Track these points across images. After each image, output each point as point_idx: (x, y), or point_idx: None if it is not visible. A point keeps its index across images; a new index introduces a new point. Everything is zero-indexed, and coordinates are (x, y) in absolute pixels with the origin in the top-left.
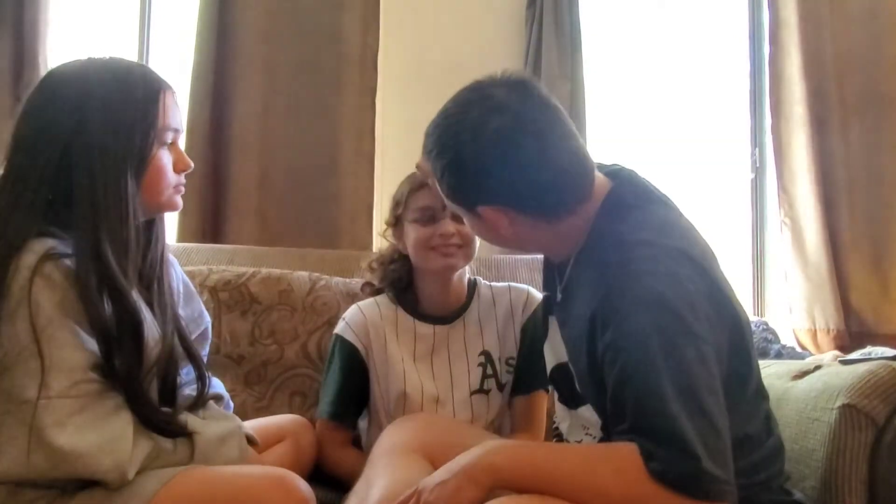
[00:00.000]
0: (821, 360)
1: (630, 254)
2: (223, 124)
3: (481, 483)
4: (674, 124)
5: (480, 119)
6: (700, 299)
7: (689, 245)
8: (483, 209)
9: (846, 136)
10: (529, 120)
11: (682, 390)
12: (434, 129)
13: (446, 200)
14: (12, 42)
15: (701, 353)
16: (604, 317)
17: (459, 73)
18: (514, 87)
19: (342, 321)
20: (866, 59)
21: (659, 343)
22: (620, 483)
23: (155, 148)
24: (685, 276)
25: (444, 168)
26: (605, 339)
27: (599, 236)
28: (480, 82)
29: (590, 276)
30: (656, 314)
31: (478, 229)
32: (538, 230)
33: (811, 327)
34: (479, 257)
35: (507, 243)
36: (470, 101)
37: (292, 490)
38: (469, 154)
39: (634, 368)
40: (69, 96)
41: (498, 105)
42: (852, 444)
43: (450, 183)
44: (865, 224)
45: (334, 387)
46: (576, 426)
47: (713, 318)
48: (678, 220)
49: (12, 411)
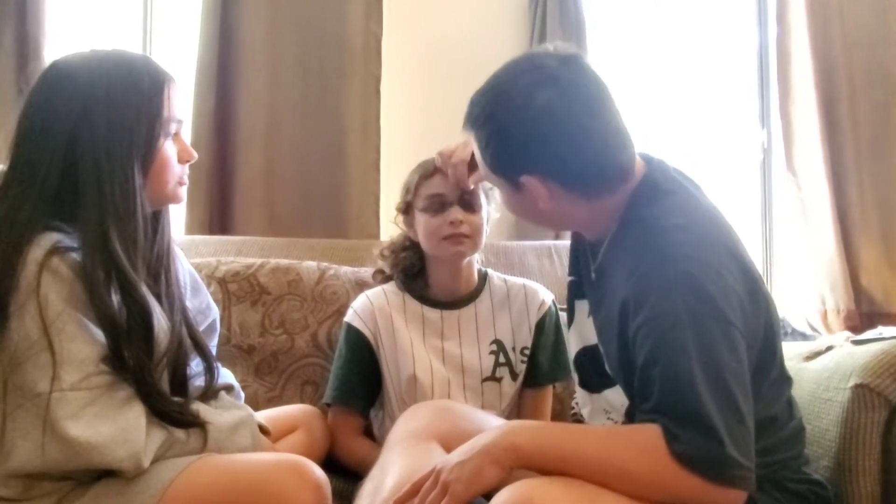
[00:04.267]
0: (833, 341)
1: (666, 238)
2: (228, 115)
3: (502, 464)
4: (681, 107)
5: (532, 88)
6: (734, 288)
7: (723, 234)
8: (527, 179)
9: (854, 115)
10: (581, 93)
11: (710, 375)
12: (481, 96)
13: (486, 172)
14: (15, 33)
15: (731, 339)
16: (637, 298)
17: (464, 61)
18: (566, 60)
19: (350, 309)
20: (874, 36)
21: (690, 326)
22: (643, 464)
23: (161, 140)
24: (720, 263)
25: (491, 135)
26: (638, 320)
27: (636, 219)
28: (533, 52)
29: (625, 257)
30: (689, 298)
31: (515, 204)
32: (576, 206)
33: (821, 308)
34: (487, 243)
35: (541, 218)
36: (522, 70)
37: (307, 476)
38: (518, 122)
39: (664, 350)
40: (74, 90)
41: (550, 76)
42: (865, 424)
43: (495, 151)
44: (875, 204)
45: (341, 372)
46: (597, 411)
47: (747, 306)
48: (709, 207)
49: (25, 405)
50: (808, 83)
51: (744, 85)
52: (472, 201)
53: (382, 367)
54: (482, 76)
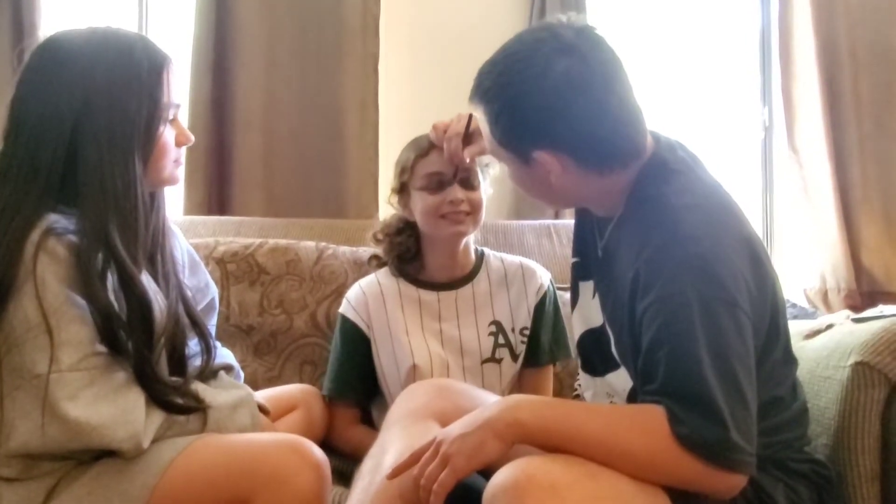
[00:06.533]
0: (833, 320)
1: (676, 217)
2: (226, 96)
3: (505, 438)
4: (683, 85)
5: (548, 59)
6: (742, 269)
7: (731, 215)
8: (539, 154)
9: (857, 93)
10: (598, 65)
11: (716, 357)
12: (492, 67)
13: (494, 147)
14: (11, 13)
15: (738, 322)
16: (646, 278)
17: (462, 40)
18: (582, 32)
19: (345, 300)
20: (877, 13)
21: (698, 308)
22: (645, 445)
23: (161, 128)
24: (728, 245)
25: (504, 107)
26: (646, 300)
27: (645, 197)
28: (546, 22)
29: (633, 236)
30: (698, 279)
31: (524, 179)
32: (588, 182)
33: (822, 287)
34: (485, 223)
35: (551, 193)
36: (538, 39)
37: (307, 455)
38: (535, 92)
39: (671, 331)
40: (73, 76)
41: (567, 46)
42: (865, 402)
43: (506, 124)
44: (877, 182)
45: (337, 364)
46: (600, 394)
47: (753, 288)
48: (717, 187)
49: (24, 386)
50: (811, 61)
51: (745, 62)
52: (471, 178)
53: (375, 360)
54: (481, 55)
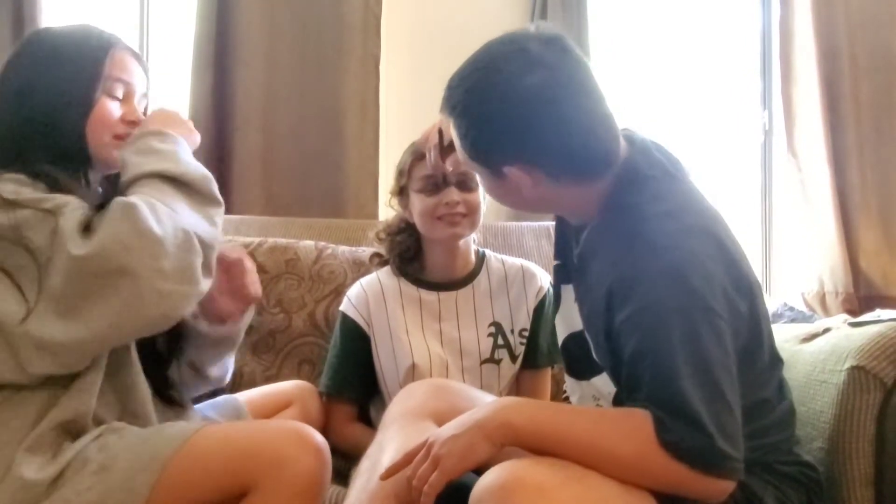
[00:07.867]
0: (830, 324)
1: (650, 227)
2: (226, 95)
3: (495, 440)
4: (682, 87)
5: (515, 74)
6: (719, 276)
7: (707, 220)
8: (509, 169)
9: (857, 97)
10: (565, 78)
11: (697, 369)
12: (460, 81)
13: (465, 159)
14: (11, 11)
15: (717, 330)
16: (623, 290)
17: (464, 40)
18: (550, 43)
19: (346, 298)
20: (878, 18)
21: (676, 320)
22: (632, 448)
23: (99, 94)
24: (704, 253)
25: (471, 124)
26: (623, 312)
27: (618, 206)
28: (514, 34)
29: (607, 246)
30: (675, 290)
31: (496, 191)
32: (559, 193)
33: (820, 290)
34: (485, 224)
35: (526, 205)
36: (504, 53)
37: (308, 441)
38: (501, 110)
39: (650, 345)
40: (33, 52)
41: (534, 60)
42: (860, 406)
43: (475, 140)
44: (876, 187)
45: (336, 361)
46: (586, 398)
47: (731, 294)
48: (692, 191)
49: None
50: (811, 64)
51: (746, 66)
52: (468, 180)
53: (374, 358)
54: None
